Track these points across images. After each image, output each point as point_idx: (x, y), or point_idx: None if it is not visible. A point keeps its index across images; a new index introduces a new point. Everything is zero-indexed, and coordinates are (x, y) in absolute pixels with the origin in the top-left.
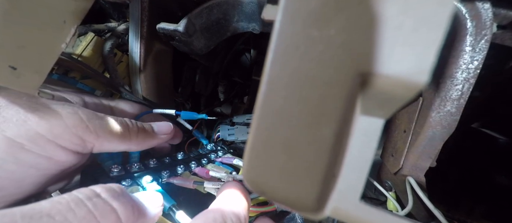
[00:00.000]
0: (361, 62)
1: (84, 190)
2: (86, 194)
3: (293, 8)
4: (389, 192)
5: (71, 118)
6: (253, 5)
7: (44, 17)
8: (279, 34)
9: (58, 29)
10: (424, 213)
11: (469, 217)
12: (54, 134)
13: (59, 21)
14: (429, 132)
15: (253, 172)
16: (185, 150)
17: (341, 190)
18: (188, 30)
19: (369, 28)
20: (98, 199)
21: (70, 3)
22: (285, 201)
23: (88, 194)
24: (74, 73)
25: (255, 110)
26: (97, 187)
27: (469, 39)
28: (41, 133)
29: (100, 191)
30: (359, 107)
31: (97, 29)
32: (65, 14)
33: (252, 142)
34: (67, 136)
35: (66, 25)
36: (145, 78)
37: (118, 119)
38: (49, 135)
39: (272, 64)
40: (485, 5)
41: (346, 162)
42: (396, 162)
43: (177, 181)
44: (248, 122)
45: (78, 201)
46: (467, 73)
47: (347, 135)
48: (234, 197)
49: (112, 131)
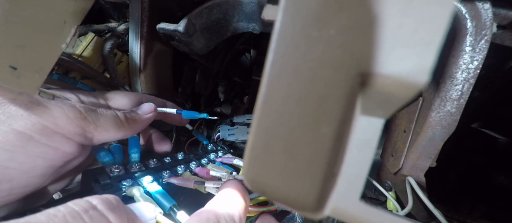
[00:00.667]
0: (361, 62)
1: (80, 202)
2: (83, 207)
3: (293, 8)
4: (389, 192)
5: (71, 111)
6: (253, 5)
7: (44, 17)
8: (279, 34)
9: (58, 29)
10: (424, 213)
11: (469, 217)
12: (58, 125)
13: (59, 21)
14: (429, 132)
15: (253, 172)
16: (185, 150)
17: (341, 190)
18: (188, 30)
19: (369, 28)
20: (94, 211)
21: (70, 3)
22: (285, 201)
23: (84, 206)
24: (74, 73)
25: (255, 110)
26: (93, 199)
27: (469, 39)
28: (46, 125)
29: (96, 203)
30: (359, 107)
31: (97, 29)
32: (65, 14)
33: (252, 142)
34: (70, 127)
35: (67, 25)
36: (145, 78)
37: (111, 110)
38: (54, 126)
39: (272, 64)
40: (485, 5)
41: (346, 162)
42: (396, 162)
43: (177, 181)
44: (248, 122)
45: (74, 213)
46: (467, 73)
47: (347, 135)
48: (231, 197)
49: (107, 121)
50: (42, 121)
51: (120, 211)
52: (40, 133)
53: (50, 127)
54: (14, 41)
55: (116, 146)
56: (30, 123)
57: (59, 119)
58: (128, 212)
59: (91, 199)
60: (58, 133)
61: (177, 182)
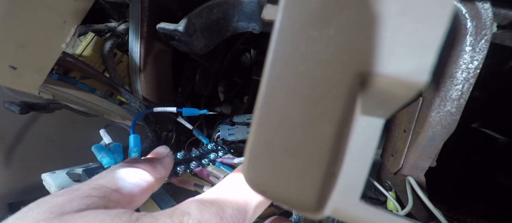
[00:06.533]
0: (361, 62)
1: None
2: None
3: (293, 8)
4: (389, 192)
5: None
6: (253, 5)
7: (44, 17)
8: (279, 34)
9: (58, 29)
10: (424, 213)
11: (469, 217)
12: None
13: (59, 21)
14: (429, 132)
15: (253, 172)
16: (186, 149)
17: (341, 190)
18: (188, 30)
19: (369, 28)
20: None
21: (70, 3)
22: (285, 201)
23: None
24: (74, 73)
25: (255, 110)
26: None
27: (469, 39)
28: None
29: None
30: (359, 107)
31: (97, 29)
32: (65, 14)
33: (252, 142)
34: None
35: (66, 25)
36: (145, 78)
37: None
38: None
39: (272, 64)
40: (485, 5)
41: (346, 162)
42: (396, 162)
43: (177, 182)
44: (248, 122)
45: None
46: (467, 73)
47: (347, 135)
48: (239, 184)
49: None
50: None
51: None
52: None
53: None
54: (14, 41)
55: (116, 145)
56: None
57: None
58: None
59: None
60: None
61: (177, 182)
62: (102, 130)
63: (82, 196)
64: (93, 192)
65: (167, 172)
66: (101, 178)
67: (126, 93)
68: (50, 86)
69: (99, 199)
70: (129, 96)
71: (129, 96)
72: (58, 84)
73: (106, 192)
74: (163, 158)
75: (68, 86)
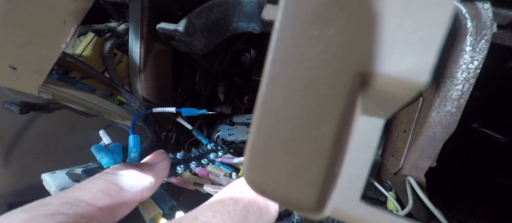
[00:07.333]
0: (361, 62)
1: None
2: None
3: (293, 8)
4: (389, 192)
5: None
6: (253, 5)
7: (44, 17)
8: (279, 34)
9: (58, 29)
10: (424, 213)
11: (469, 217)
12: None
13: (59, 21)
14: (429, 132)
15: (253, 172)
16: (185, 149)
17: (341, 190)
18: (188, 30)
19: (369, 28)
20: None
21: (70, 3)
22: (285, 201)
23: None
24: (74, 73)
25: (255, 110)
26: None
27: (469, 39)
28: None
29: None
30: (359, 107)
31: (97, 29)
32: (65, 14)
33: (252, 142)
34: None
35: (66, 25)
36: (145, 78)
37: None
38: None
39: (272, 64)
40: (485, 5)
41: (346, 162)
42: (396, 162)
43: (177, 181)
44: (248, 122)
45: None
46: (467, 73)
47: (347, 135)
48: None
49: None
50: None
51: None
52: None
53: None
54: (14, 41)
55: (116, 145)
56: None
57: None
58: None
59: None
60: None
61: (177, 182)
62: (101, 130)
63: (46, 214)
64: (62, 208)
65: (160, 178)
66: (79, 189)
67: (126, 93)
68: (50, 86)
69: (67, 216)
70: (129, 96)
71: (129, 96)
72: (58, 84)
73: (79, 207)
74: (157, 164)
75: (68, 86)
